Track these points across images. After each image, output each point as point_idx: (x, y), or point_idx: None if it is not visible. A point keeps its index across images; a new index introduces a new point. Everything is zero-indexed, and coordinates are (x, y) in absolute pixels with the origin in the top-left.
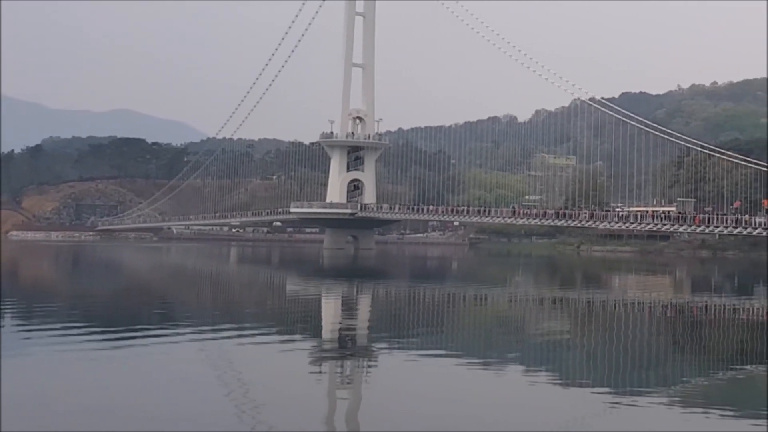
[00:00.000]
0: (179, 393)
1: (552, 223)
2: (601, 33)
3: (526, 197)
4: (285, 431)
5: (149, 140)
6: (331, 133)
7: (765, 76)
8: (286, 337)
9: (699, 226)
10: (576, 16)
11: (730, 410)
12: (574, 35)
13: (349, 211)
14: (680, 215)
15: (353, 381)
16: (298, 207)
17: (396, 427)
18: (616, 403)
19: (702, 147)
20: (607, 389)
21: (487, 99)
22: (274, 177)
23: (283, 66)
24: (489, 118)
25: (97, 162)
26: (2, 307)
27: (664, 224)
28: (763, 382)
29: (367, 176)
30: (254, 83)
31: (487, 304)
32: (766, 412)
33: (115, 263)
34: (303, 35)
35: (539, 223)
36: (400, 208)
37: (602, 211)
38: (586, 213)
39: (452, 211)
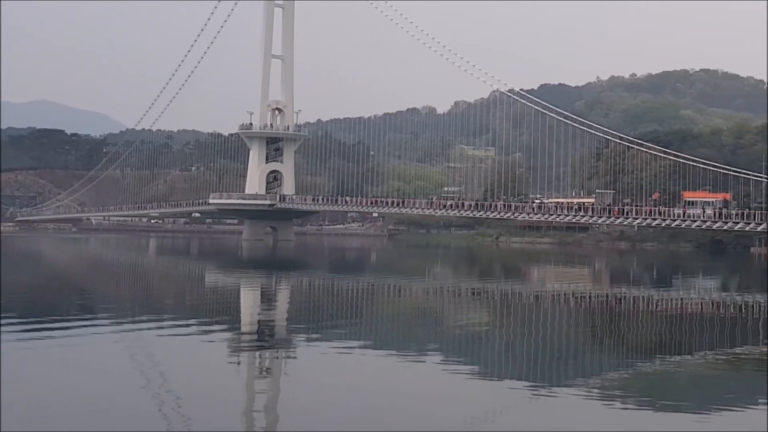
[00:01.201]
0: (96, 384)
1: (471, 215)
2: (520, 25)
3: (445, 189)
4: (204, 422)
5: (68, 131)
6: (251, 124)
7: (684, 68)
8: (205, 328)
9: (618, 217)
10: (495, 7)
11: (648, 401)
12: (493, 27)
13: (268, 202)
14: (599, 207)
15: (272, 372)
16: (217, 198)
17: (315, 417)
18: (535, 394)
19: (621, 139)
20: (526, 381)
21: (406, 91)
22: (194, 168)
23: (202, 57)
24: (408, 110)
25: (17, 153)
26: None
27: (583, 216)
28: (680, 373)
29: (286, 167)
30: (174, 74)
31: (405, 296)
32: (682, 403)
33: (35, 254)
34: (222, 26)
35: (458, 214)
36: (319, 200)
37: (520, 202)
38: (500, 204)
39: (371, 202)
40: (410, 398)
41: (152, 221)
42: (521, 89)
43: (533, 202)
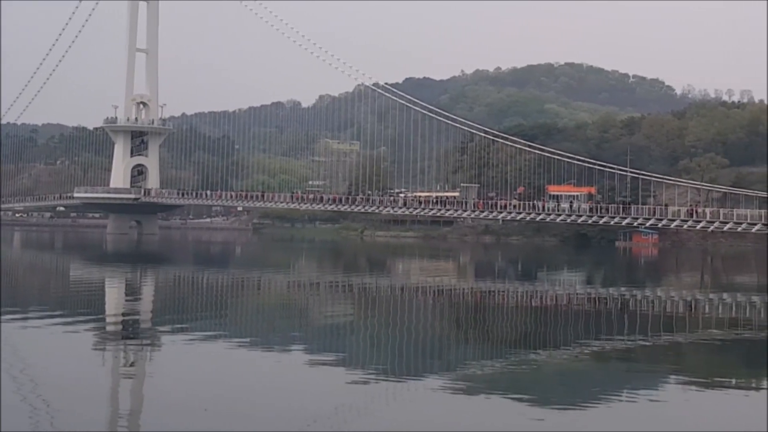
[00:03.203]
0: None
1: (335, 208)
2: (384, 19)
3: (310, 182)
4: (68, 414)
5: None
6: (115, 118)
7: (548, 61)
8: (70, 321)
9: (482, 211)
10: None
11: (513, 395)
12: (358, 21)
13: (132, 196)
14: (464, 201)
15: (137, 365)
16: (82, 192)
17: (179, 409)
18: (400, 387)
19: (486, 132)
20: (390, 374)
21: (271, 84)
22: (58, 162)
23: (67, 50)
24: (273, 104)
25: None
26: None
27: (448, 209)
28: (545, 366)
29: (151, 161)
30: (38, 68)
31: (270, 289)
32: (547, 396)
33: None
34: (87, 20)
35: (322, 208)
36: (183, 193)
37: (385, 196)
38: (361, 197)
39: (236, 196)
40: (274, 391)
41: (17, 215)
42: (386, 83)
43: (394, 197)
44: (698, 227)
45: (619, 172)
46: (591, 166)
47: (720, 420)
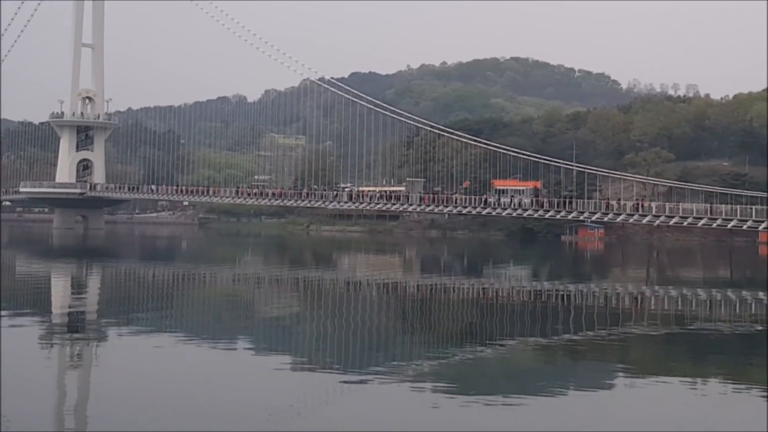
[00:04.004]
0: None
1: (281, 203)
2: (330, 13)
3: (256, 177)
4: (12, 411)
5: None
6: (61, 113)
7: (494, 56)
8: (15, 316)
9: (428, 205)
10: None
11: (459, 389)
12: (303, 15)
13: (78, 190)
14: (410, 195)
15: (83, 361)
16: (27, 187)
17: (124, 405)
18: (345, 383)
19: (431, 127)
20: (336, 369)
21: (217, 79)
22: (3, 157)
23: (12, 45)
24: (219, 98)
25: None
26: None
27: (394, 204)
28: (491, 361)
29: (97, 156)
30: None
31: (216, 284)
32: (493, 391)
33: None
34: (33, 15)
35: (268, 202)
36: (129, 188)
37: (331, 191)
38: (307, 192)
39: (181, 190)
40: (219, 386)
41: None
42: (332, 78)
43: (338, 192)
44: (644, 221)
45: (564, 166)
46: (537, 160)
47: (664, 413)
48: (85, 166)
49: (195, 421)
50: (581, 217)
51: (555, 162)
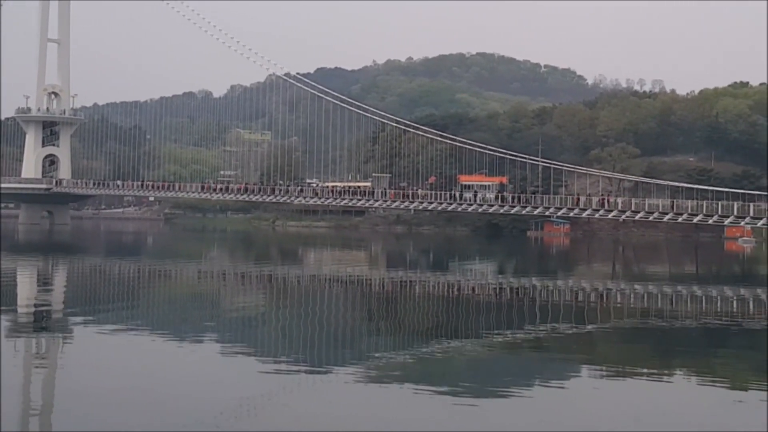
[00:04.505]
0: None
1: (247, 198)
2: (296, 8)
3: (222, 172)
4: None
5: None
6: (27, 108)
7: (460, 51)
8: None
9: (394, 201)
10: None
11: (426, 384)
12: (269, 10)
13: (44, 186)
14: (376, 190)
15: (49, 356)
16: None
17: (91, 399)
18: (312, 377)
19: (397, 122)
20: (303, 364)
21: (182, 75)
22: None
23: None
24: (184, 94)
25: None
26: None
27: (360, 199)
28: (458, 356)
29: (63, 151)
30: None
31: (182, 280)
32: (460, 386)
33: None
34: None
35: (234, 198)
36: (95, 184)
37: (296, 186)
38: (272, 187)
39: (147, 186)
40: (185, 382)
41: None
42: (297, 73)
43: (303, 187)
44: (610, 217)
45: (530, 161)
46: (502, 155)
47: (630, 407)
48: (51, 162)
49: (161, 416)
50: (547, 213)
51: (521, 157)
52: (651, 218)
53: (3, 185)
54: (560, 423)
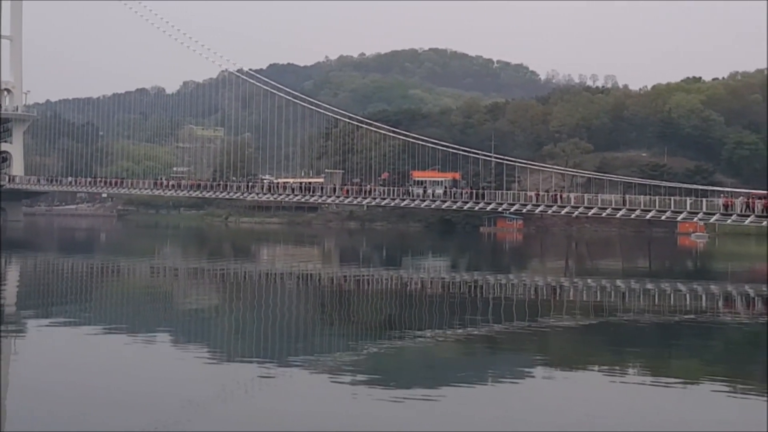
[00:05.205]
0: None
1: (200, 194)
2: (248, 4)
3: (175, 169)
4: None
5: None
6: None
7: (413, 47)
8: None
9: (347, 197)
10: None
11: (378, 381)
12: (221, 6)
13: None
14: (328, 187)
15: (1, 353)
16: None
17: (45, 400)
18: (264, 374)
19: (350, 118)
20: (255, 360)
21: (135, 71)
22: None
23: None
24: (137, 90)
25: None
26: None
27: (312, 195)
28: (410, 352)
29: (15, 148)
30: None
31: (135, 276)
32: (412, 382)
33: None
34: None
35: (187, 194)
36: (48, 180)
37: (249, 182)
38: (224, 183)
39: (100, 182)
40: (138, 378)
41: None
42: (250, 69)
43: (255, 183)
44: (563, 212)
45: (483, 157)
46: (455, 151)
47: (583, 402)
48: (3, 158)
49: (116, 414)
50: (500, 209)
51: (474, 153)
52: (604, 214)
53: None
54: (513, 418)
